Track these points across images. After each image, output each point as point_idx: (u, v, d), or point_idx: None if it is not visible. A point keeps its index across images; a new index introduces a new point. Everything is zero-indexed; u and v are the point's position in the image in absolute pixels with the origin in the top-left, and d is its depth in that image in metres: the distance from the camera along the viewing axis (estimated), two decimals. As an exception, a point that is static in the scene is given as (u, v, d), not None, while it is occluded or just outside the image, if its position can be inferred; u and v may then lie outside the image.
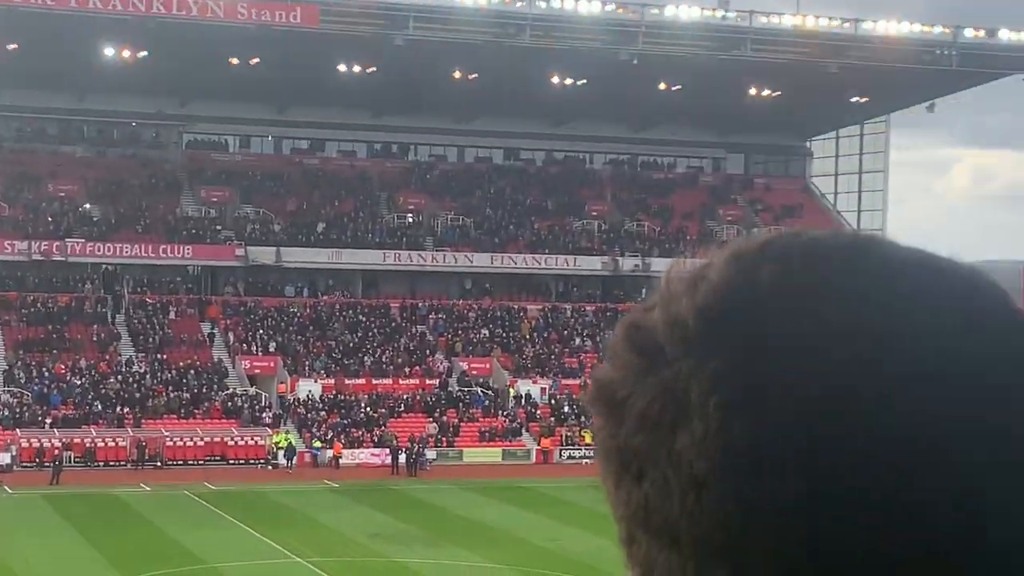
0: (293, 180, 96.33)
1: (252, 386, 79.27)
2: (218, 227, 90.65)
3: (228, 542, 49.08)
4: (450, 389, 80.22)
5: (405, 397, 78.77)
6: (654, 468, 1.03)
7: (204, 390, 77.49)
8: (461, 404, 78.89)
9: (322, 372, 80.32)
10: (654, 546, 1.04)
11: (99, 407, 73.98)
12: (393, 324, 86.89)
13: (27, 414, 72.40)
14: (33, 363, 77.43)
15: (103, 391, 75.62)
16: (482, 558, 46.73)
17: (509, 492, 61.25)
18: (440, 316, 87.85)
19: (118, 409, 74.00)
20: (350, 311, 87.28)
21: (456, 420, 76.84)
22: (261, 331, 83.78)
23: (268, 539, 49.64)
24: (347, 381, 79.32)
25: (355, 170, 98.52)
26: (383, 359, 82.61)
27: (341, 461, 70.68)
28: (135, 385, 76.66)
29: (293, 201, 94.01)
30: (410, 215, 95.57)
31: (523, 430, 77.09)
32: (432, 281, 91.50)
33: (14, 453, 68.17)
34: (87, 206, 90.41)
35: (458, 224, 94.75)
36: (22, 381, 75.97)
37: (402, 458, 69.95)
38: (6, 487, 61.15)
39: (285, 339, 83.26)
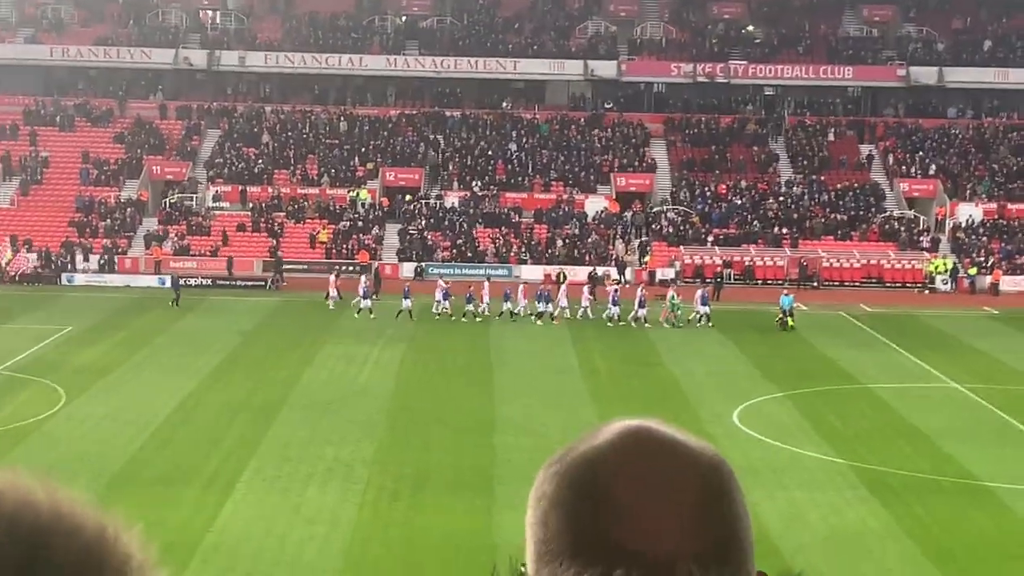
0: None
1: (910, 209, 79.74)
2: (879, 47, 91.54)
3: (882, 363, 49.35)
4: None
5: (1074, 224, 76.63)
6: None
7: (861, 212, 78.65)
8: None
9: (984, 196, 79.90)
10: None
11: (758, 226, 76.39)
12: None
13: (691, 232, 75.34)
14: (697, 182, 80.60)
15: (762, 211, 77.93)
16: None
17: None
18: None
19: (776, 229, 76.13)
20: (1015, 133, 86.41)
21: None
22: (921, 153, 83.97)
23: (923, 362, 49.60)
24: (1011, 206, 78.73)
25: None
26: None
27: (1000, 288, 70.33)
28: (793, 206, 78.61)
29: (958, 18, 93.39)
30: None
31: None
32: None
33: (677, 268, 71.49)
34: (749, 28, 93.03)
35: None
36: (686, 200, 79.03)
37: (1069, 287, 68.38)
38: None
39: (946, 162, 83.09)
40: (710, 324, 56.86)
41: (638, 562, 1.58)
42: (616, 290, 59.51)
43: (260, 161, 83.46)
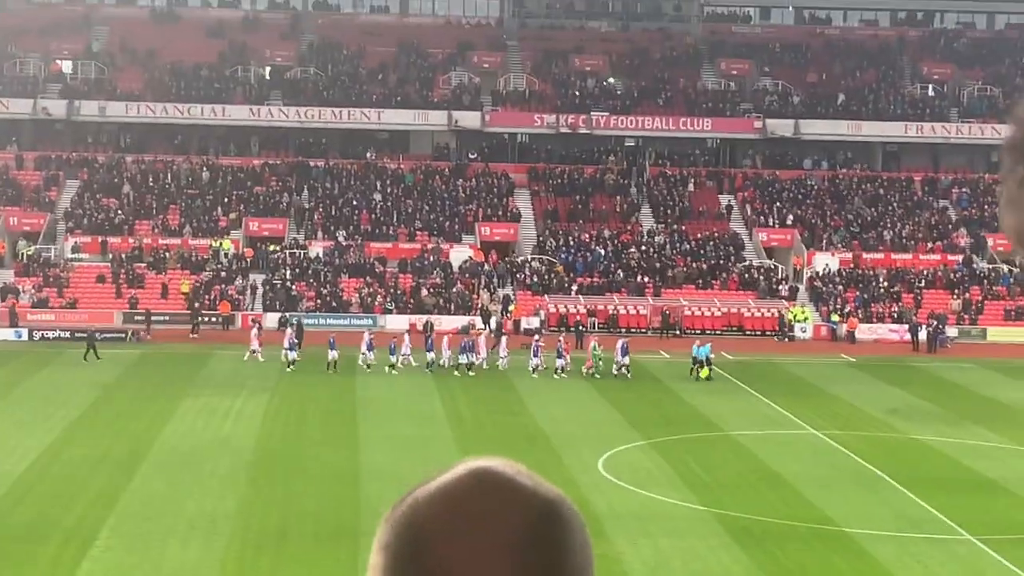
0: (814, 51, 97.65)
1: (769, 258, 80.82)
2: (737, 100, 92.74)
3: (743, 410, 49.81)
4: (974, 266, 79.79)
5: (926, 273, 78.74)
6: None
7: (721, 261, 79.58)
8: (986, 281, 78.56)
9: (840, 246, 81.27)
10: None
11: (621, 275, 76.84)
12: (915, 198, 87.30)
13: (555, 281, 75.58)
14: (560, 232, 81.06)
15: (625, 260, 78.56)
16: (1006, 439, 45.61)
17: (1036, 373, 59.91)
18: (964, 191, 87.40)
19: (639, 278, 76.69)
20: (869, 184, 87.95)
21: (980, 298, 76.65)
22: (778, 203, 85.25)
23: (783, 409, 50.00)
24: (865, 255, 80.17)
25: (877, 39, 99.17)
26: (903, 234, 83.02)
27: (857, 336, 71.39)
28: (655, 255, 79.40)
29: (813, 72, 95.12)
30: (933, 86, 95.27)
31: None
32: (956, 154, 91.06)
33: (542, 317, 71.20)
34: (611, 80, 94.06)
35: (985, 95, 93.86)
36: (551, 249, 79.24)
37: (922, 335, 70.06)
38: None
39: (803, 212, 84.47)
40: (628, 375, 56.95)
41: None
42: (537, 340, 59.96)
43: (120, 212, 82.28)
